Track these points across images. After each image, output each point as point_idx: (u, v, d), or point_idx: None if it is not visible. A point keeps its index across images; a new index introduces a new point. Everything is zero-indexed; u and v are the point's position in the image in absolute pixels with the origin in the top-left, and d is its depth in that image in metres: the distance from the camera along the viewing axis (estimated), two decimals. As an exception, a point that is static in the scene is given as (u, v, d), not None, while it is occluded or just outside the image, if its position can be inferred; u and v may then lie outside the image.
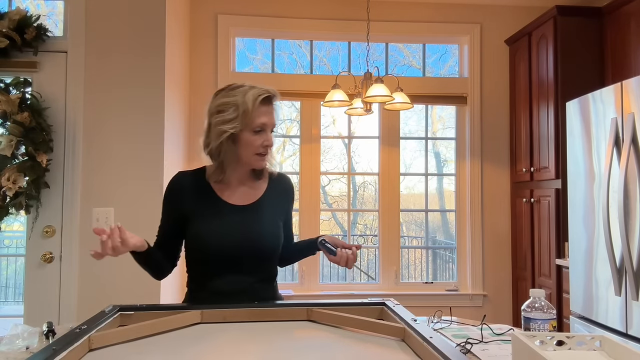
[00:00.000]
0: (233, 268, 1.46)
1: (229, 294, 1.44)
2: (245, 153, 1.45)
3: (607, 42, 3.10)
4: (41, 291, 2.57)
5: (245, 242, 1.45)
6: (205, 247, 1.45)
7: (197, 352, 1.08)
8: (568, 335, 1.07)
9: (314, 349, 1.12)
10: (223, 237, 1.44)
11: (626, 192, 2.25)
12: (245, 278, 1.47)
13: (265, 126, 1.44)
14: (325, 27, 3.73)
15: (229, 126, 1.42)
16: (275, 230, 1.52)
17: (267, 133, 1.45)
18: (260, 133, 1.44)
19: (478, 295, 3.74)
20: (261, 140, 1.44)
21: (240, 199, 1.51)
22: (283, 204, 1.60)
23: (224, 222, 1.46)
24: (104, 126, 2.65)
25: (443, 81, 3.89)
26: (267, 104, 1.45)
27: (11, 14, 2.53)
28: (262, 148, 1.44)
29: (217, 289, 1.46)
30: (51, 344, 1.01)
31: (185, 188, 1.52)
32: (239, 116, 1.41)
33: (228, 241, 1.44)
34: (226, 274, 1.46)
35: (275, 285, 1.59)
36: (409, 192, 5.11)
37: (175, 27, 3.02)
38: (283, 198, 1.60)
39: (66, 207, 2.60)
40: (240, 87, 1.45)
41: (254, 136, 1.43)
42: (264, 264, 1.52)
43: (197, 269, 1.52)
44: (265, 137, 1.44)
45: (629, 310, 2.24)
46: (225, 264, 1.46)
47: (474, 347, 1.23)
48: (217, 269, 1.46)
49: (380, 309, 1.37)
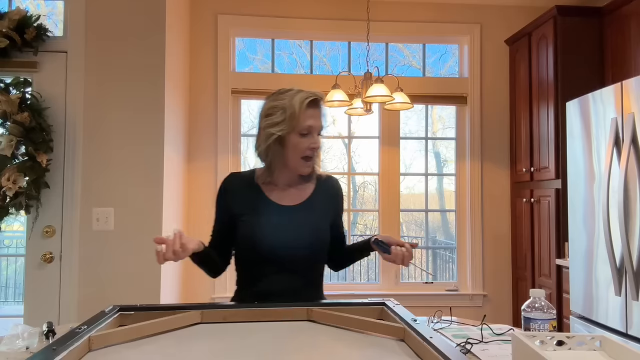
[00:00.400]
0: (279, 268, 1.48)
1: (275, 294, 1.46)
2: (292, 155, 1.48)
3: (607, 42, 3.10)
4: (41, 291, 2.57)
5: (291, 243, 1.47)
6: (252, 248, 1.49)
7: (197, 352, 1.08)
8: (568, 335, 1.07)
9: (314, 349, 1.12)
10: (270, 237, 1.47)
11: (626, 192, 2.25)
12: (291, 279, 1.49)
13: (312, 129, 1.46)
14: (325, 27, 3.73)
15: (277, 129, 1.46)
16: (321, 232, 1.54)
17: (313, 136, 1.47)
18: (307, 136, 1.46)
19: (478, 295, 3.74)
20: (308, 142, 1.46)
21: (289, 199, 1.54)
22: (331, 205, 1.61)
23: (272, 223, 1.49)
24: (104, 126, 2.65)
25: (443, 81, 3.89)
26: (313, 107, 1.47)
27: (11, 14, 2.53)
28: (308, 150, 1.47)
29: (263, 289, 1.48)
30: (51, 344, 1.01)
31: (235, 189, 1.56)
32: (287, 119, 1.45)
33: (275, 242, 1.47)
34: (272, 274, 1.49)
35: (321, 287, 1.60)
36: (409, 192, 5.11)
37: (175, 27, 3.02)
38: (331, 199, 1.61)
39: (66, 207, 2.60)
40: (288, 91, 1.49)
41: (300, 139, 1.46)
42: (309, 264, 1.53)
43: (244, 268, 1.56)
44: (312, 140, 1.46)
45: (629, 310, 2.24)
46: (272, 264, 1.48)
47: (474, 348, 1.23)
48: (263, 269, 1.49)
49: (380, 309, 1.37)
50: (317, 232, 1.52)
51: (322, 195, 1.59)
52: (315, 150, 1.48)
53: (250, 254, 1.50)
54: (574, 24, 3.17)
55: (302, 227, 1.50)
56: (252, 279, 1.53)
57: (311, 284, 1.55)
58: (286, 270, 1.49)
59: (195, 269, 1.56)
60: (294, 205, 1.53)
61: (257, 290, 1.49)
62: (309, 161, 1.49)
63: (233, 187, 1.57)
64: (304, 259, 1.50)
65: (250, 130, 3.98)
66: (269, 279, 1.49)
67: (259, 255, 1.48)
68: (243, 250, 1.53)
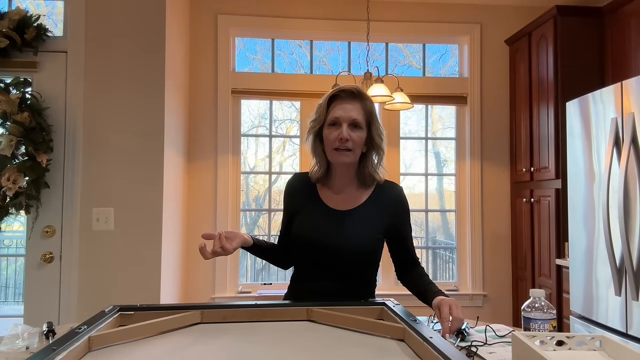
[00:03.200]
0: (326, 271, 1.50)
1: (321, 295, 1.47)
2: (327, 149, 1.50)
3: (607, 42, 3.10)
4: (41, 291, 2.57)
5: (335, 247, 1.47)
6: (300, 248, 1.53)
7: (197, 352, 1.08)
8: (568, 335, 1.07)
9: (314, 349, 1.12)
10: (316, 240, 1.49)
11: (626, 192, 2.25)
12: (338, 282, 1.49)
13: (340, 119, 1.46)
14: (325, 27, 3.73)
15: (313, 124, 1.53)
16: (367, 239, 1.50)
17: (342, 127, 1.46)
18: (336, 126, 1.47)
19: (478, 295, 3.74)
20: (336, 133, 1.46)
21: (341, 203, 1.54)
22: (385, 214, 1.53)
23: (320, 226, 1.50)
24: (104, 126, 2.65)
25: (443, 81, 3.89)
26: (344, 100, 1.48)
27: (11, 14, 2.53)
28: (337, 142, 1.46)
29: (311, 288, 1.51)
30: (51, 344, 1.01)
31: (295, 189, 1.61)
32: (318, 114, 1.50)
33: (320, 244, 1.48)
34: (320, 276, 1.50)
35: (371, 293, 1.57)
36: (409, 192, 5.10)
37: (175, 27, 3.02)
38: (386, 209, 1.53)
39: (66, 207, 2.60)
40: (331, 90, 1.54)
41: (329, 130, 1.48)
42: (355, 270, 1.52)
43: (297, 266, 1.61)
44: (339, 130, 1.46)
45: (629, 310, 2.24)
46: (319, 266, 1.50)
47: (481, 350, 1.22)
48: (312, 270, 1.52)
49: (380, 309, 1.37)
50: (362, 240, 1.49)
51: (377, 202, 1.54)
52: (344, 142, 1.45)
53: (300, 254, 1.56)
54: (574, 24, 3.17)
55: (347, 234, 1.48)
56: (302, 277, 1.57)
57: (357, 287, 1.52)
58: (331, 273, 1.50)
59: (195, 269, 1.56)
60: (344, 210, 1.52)
61: (305, 289, 1.53)
62: (343, 152, 1.47)
63: (293, 187, 1.62)
64: (346, 264, 1.49)
65: (250, 130, 3.98)
66: (316, 279, 1.51)
67: (305, 256, 1.53)
68: (294, 249, 1.57)
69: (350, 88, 1.50)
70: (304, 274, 1.57)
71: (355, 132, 1.47)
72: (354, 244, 1.48)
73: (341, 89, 1.50)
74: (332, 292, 1.48)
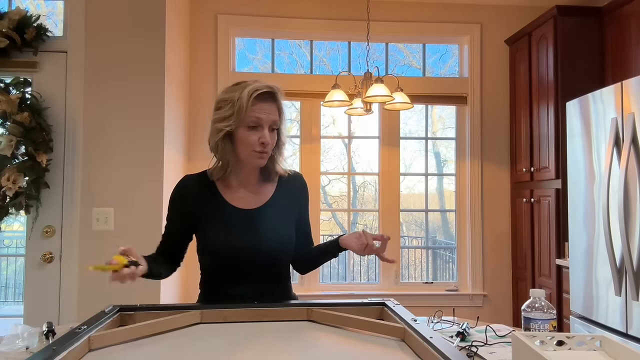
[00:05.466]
0: (241, 273, 1.44)
1: (238, 299, 1.41)
2: (242, 151, 1.40)
3: (607, 42, 3.10)
4: (41, 291, 2.57)
5: (250, 249, 1.42)
6: (211, 253, 1.44)
7: (197, 352, 1.08)
8: (568, 336, 1.07)
9: (314, 349, 1.12)
10: (228, 243, 1.41)
11: (626, 192, 2.25)
12: (255, 283, 1.45)
13: (261, 121, 1.37)
14: (325, 27, 3.73)
15: (225, 124, 1.37)
16: (283, 236, 1.48)
17: (263, 129, 1.37)
18: (257, 129, 1.37)
19: (478, 295, 3.74)
20: (257, 136, 1.37)
21: (247, 202, 1.47)
22: (294, 205, 1.53)
23: (229, 228, 1.43)
24: (103, 126, 2.65)
25: (443, 81, 3.89)
26: (265, 100, 1.38)
27: (11, 14, 2.53)
28: (258, 145, 1.37)
29: (226, 293, 1.44)
30: (51, 344, 1.01)
31: (191, 191, 1.48)
32: (235, 113, 1.36)
33: (233, 247, 1.41)
34: (234, 279, 1.44)
35: (288, 288, 1.56)
36: (409, 192, 5.11)
37: (175, 27, 3.02)
38: (293, 199, 1.53)
39: (66, 207, 2.60)
40: (242, 83, 1.40)
41: (248, 132, 1.37)
42: (272, 269, 1.48)
43: (206, 272, 1.52)
44: (261, 133, 1.37)
45: (629, 310, 2.24)
46: (233, 269, 1.44)
47: (481, 350, 1.22)
48: (224, 274, 1.45)
49: (380, 309, 1.37)
50: (278, 236, 1.46)
51: (285, 194, 1.51)
52: (265, 146, 1.38)
53: (210, 260, 1.46)
54: (574, 23, 3.17)
55: (262, 232, 1.43)
56: (214, 282, 1.49)
57: (275, 286, 1.50)
58: (247, 274, 1.44)
59: (195, 269, 1.56)
60: (253, 208, 1.46)
61: (220, 294, 1.45)
62: (262, 156, 1.40)
63: (188, 190, 1.49)
64: (264, 265, 1.45)
65: (250, 130, 3.98)
66: (229, 283, 1.44)
67: (217, 260, 1.44)
68: (204, 257, 1.48)
69: (268, 87, 1.38)
70: (219, 280, 1.48)
71: (272, 134, 1.41)
72: (275, 242, 1.44)
73: (260, 89, 1.36)
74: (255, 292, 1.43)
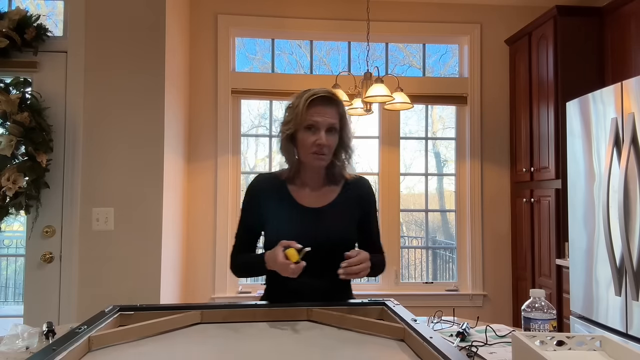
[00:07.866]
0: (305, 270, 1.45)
1: (305, 294, 1.47)
2: (302, 152, 1.51)
3: (607, 42, 3.10)
4: (41, 291, 2.57)
5: (318, 242, 1.46)
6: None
7: (197, 352, 1.08)
8: (568, 336, 1.07)
9: (314, 349, 1.12)
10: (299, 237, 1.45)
11: (626, 192, 2.25)
12: (318, 279, 1.49)
13: (317, 124, 1.47)
14: (325, 27, 3.73)
15: (287, 127, 1.51)
16: (346, 231, 1.55)
17: (320, 132, 1.47)
18: (313, 131, 1.47)
19: (478, 295, 3.74)
20: (314, 138, 1.47)
21: (312, 201, 1.56)
22: (356, 208, 1.60)
23: (296, 225, 1.52)
24: (104, 126, 2.65)
25: (443, 81, 3.89)
26: (322, 104, 1.48)
27: (11, 14, 2.53)
28: (315, 147, 1.47)
29: (291, 288, 1.49)
30: (51, 344, 1.01)
31: (263, 190, 1.59)
32: (294, 117, 1.49)
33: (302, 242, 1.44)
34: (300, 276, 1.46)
35: (347, 286, 1.62)
36: (409, 192, 5.10)
37: (175, 27, 3.02)
38: (356, 204, 1.60)
39: (66, 207, 2.60)
40: (306, 91, 1.51)
41: (306, 134, 1.48)
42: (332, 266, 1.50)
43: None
44: (317, 135, 1.47)
45: (629, 310, 2.24)
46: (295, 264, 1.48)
47: (481, 350, 1.22)
48: None
49: (380, 309, 1.37)
50: (341, 235, 1.53)
51: (347, 198, 1.59)
52: (321, 147, 1.47)
53: None
54: (574, 23, 3.17)
55: (326, 230, 1.52)
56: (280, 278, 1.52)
57: (338, 284, 1.52)
58: (312, 272, 1.46)
59: (195, 269, 1.55)
60: (319, 207, 1.55)
61: (284, 289, 1.52)
62: (320, 157, 1.50)
63: (260, 189, 1.59)
64: (328, 262, 1.48)
65: (250, 131, 3.98)
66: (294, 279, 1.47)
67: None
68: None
69: (326, 92, 1.50)
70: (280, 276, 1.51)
71: (331, 136, 1.50)
72: (335, 236, 1.52)
73: (317, 94, 1.49)
74: (317, 289, 1.49)
